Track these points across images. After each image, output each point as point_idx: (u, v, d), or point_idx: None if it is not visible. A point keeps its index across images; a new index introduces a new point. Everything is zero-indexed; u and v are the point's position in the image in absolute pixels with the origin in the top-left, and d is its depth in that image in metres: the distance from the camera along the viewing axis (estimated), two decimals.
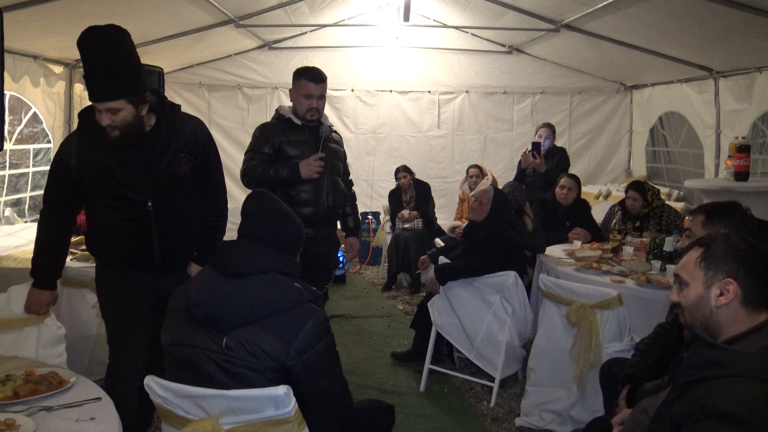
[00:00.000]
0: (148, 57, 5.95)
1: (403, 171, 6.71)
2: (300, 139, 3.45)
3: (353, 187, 3.93)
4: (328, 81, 8.42)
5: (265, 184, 3.33)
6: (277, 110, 3.58)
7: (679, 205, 5.89)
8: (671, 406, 1.54)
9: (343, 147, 3.73)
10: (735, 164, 5.08)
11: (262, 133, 3.49)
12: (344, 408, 2.04)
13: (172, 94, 7.45)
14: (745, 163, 5.04)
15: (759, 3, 4.03)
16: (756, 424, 1.35)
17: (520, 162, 5.89)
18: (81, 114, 2.59)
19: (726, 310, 1.60)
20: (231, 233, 2.17)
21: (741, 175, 5.04)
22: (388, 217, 6.94)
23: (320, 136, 3.46)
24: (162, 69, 5.89)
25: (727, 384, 1.41)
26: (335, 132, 3.70)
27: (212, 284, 1.95)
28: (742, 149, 5.06)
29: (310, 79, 3.43)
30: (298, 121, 3.45)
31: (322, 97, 3.47)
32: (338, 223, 3.77)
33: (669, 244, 3.88)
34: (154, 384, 1.86)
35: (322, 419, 1.98)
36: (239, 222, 2.09)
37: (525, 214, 4.39)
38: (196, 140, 2.68)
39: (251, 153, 3.46)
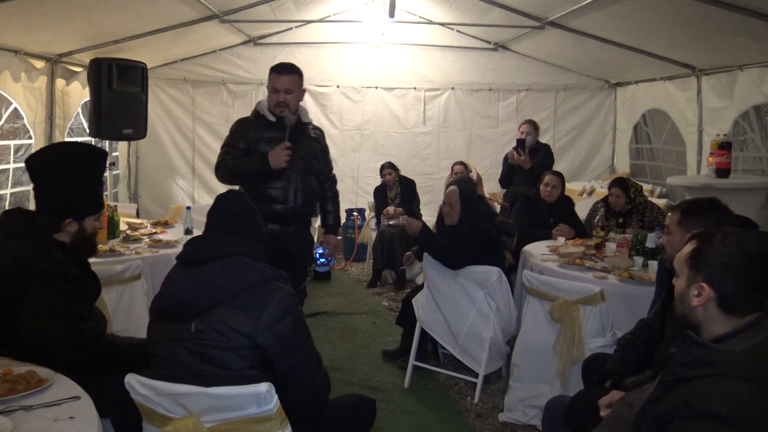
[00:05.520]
0: (130, 52, 5.90)
1: (388, 168, 6.71)
2: (274, 135, 3.42)
3: (337, 184, 3.90)
4: (313, 77, 8.45)
5: (237, 177, 3.43)
6: (255, 105, 3.58)
7: (661, 202, 5.94)
8: (657, 403, 1.54)
9: (323, 143, 3.71)
10: (717, 161, 5.13)
11: (238, 128, 3.52)
12: (321, 383, 2.09)
13: (156, 90, 7.40)
14: (727, 160, 5.09)
15: (741, 2, 4.06)
16: (742, 424, 1.36)
17: (505, 160, 5.91)
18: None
19: (702, 311, 1.61)
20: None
21: (722, 172, 5.09)
22: (373, 214, 6.93)
23: (287, 126, 3.40)
24: (145, 64, 5.84)
25: (715, 383, 1.42)
26: (315, 128, 3.68)
27: (177, 276, 2.02)
28: (724, 146, 5.11)
29: (276, 71, 3.43)
30: (271, 118, 3.44)
31: (290, 91, 3.41)
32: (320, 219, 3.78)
33: (651, 240, 3.92)
34: (134, 382, 1.84)
35: (299, 395, 2.02)
36: None
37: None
38: None
39: (226, 147, 3.48)
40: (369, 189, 7.40)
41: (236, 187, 3.42)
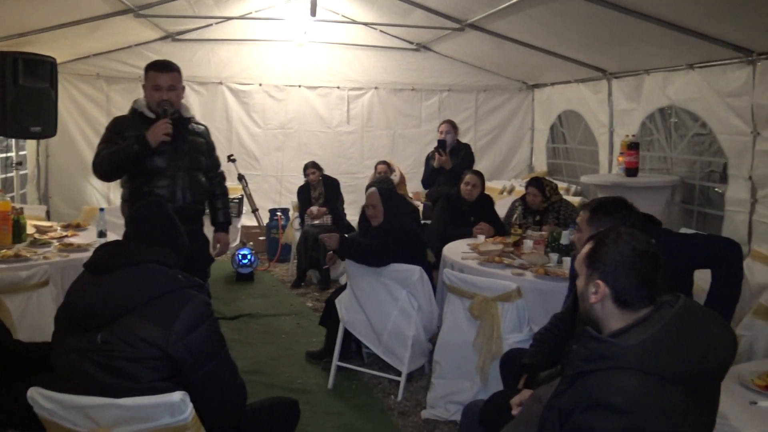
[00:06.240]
0: (38, 46, 5.61)
1: (311, 167, 6.66)
2: None
3: (226, 181, 3.89)
4: (235, 75, 8.28)
5: (117, 167, 3.33)
6: (132, 103, 3.49)
7: (576, 200, 6.17)
8: (561, 397, 1.61)
9: (208, 139, 3.66)
10: (626, 161, 5.39)
11: (115, 126, 3.42)
12: (236, 393, 2.03)
13: (67, 86, 7.07)
14: (635, 160, 5.36)
15: (647, 9, 4.28)
16: (636, 413, 1.44)
17: (427, 160, 6.00)
18: None
19: (600, 307, 1.69)
20: None
21: (631, 171, 5.35)
22: (296, 214, 6.88)
23: (166, 114, 3.30)
24: (55, 59, 5.57)
25: (611, 376, 1.49)
26: (199, 123, 3.63)
27: (83, 284, 1.92)
28: (632, 146, 5.38)
29: (156, 70, 3.37)
30: (151, 114, 3.36)
31: (173, 88, 3.38)
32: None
33: (565, 237, 4.06)
34: (38, 396, 1.76)
35: (214, 406, 1.96)
36: None
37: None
38: None
39: (104, 145, 3.36)
40: (293, 188, 7.34)
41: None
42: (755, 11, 3.82)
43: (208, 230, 3.78)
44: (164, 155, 3.33)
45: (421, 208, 6.25)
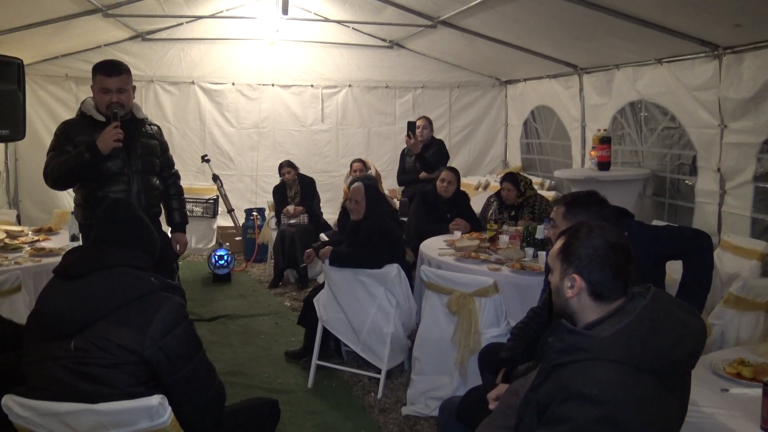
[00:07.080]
0: (4, 47, 5.50)
1: (287, 166, 6.63)
2: None
3: (180, 180, 3.87)
4: (207, 74, 8.18)
5: (69, 176, 3.25)
6: (80, 106, 3.43)
7: (550, 194, 6.24)
8: (538, 390, 1.64)
9: (162, 139, 3.63)
10: (598, 155, 5.47)
11: (64, 131, 3.35)
12: (215, 394, 2.02)
13: (35, 88, 6.95)
14: (607, 154, 5.44)
15: (616, 6, 4.34)
16: (612, 403, 1.47)
17: (403, 156, 6.03)
18: None
19: (576, 301, 1.72)
20: None
21: (603, 165, 5.43)
22: (273, 214, 6.84)
23: (116, 117, 3.22)
24: (21, 60, 5.44)
25: (586, 367, 1.52)
26: (152, 124, 3.60)
27: (54, 290, 1.89)
28: (604, 141, 5.45)
29: (104, 73, 3.30)
30: (100, 117, 3.31)
31: (123, 90, 3.31)
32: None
33: (540, 231, 4.11)
34: (13, 403, 1.73)
35: (192, 409, 1.94)
36: None
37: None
38: None
39: (53, 152, 3.29)
40: (268, 188, 7.30)
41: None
42: (720, 7, 3.89)
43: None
44: (117, 159, 3.28)
45: (397, 205, 6.26)
